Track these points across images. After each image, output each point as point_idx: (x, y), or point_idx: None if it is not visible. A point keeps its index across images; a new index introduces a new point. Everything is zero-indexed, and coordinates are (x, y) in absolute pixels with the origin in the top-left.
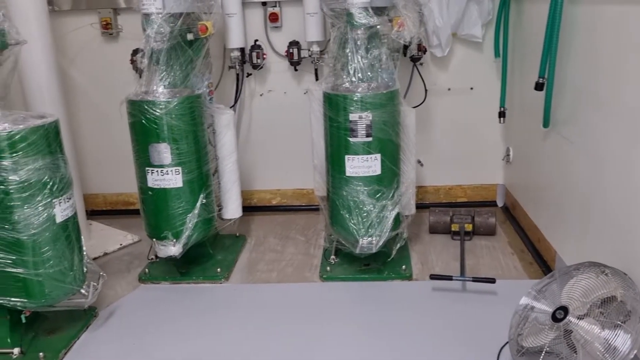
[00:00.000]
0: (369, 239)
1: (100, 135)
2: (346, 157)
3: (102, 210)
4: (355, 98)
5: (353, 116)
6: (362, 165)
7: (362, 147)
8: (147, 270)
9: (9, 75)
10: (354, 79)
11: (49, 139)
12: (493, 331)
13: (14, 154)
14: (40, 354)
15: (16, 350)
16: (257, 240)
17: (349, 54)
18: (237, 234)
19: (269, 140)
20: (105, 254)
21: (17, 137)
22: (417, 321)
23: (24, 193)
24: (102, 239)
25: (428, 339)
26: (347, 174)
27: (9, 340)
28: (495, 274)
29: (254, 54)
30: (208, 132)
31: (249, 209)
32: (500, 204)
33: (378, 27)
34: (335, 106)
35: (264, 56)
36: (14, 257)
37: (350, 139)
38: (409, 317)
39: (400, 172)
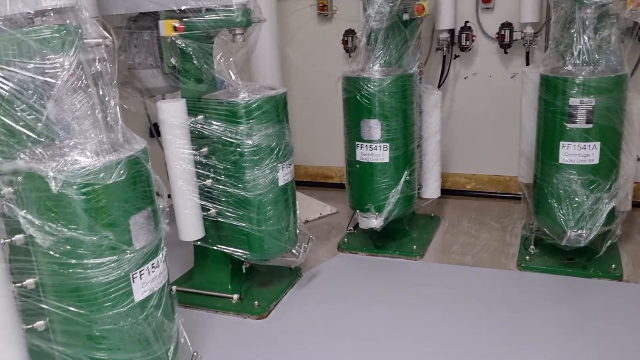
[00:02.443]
0: (579, 231)
1: (307, 111)
2: (561, 143)
3: (302, 181)
4: (578, 81)
5: (573, 101)
6: (577, 153)
7: (580, 133)
8: (345, 240)
9: (249, 50)
10: (577, 62)
11: (278, 109)
12: None
13: (250, 120)
14: (255, 302)
15: (235, 296)
16: (451, 223)
17: (575, 35)
18: (432, 215)
19: (469, 123)
20: (307, 221)
21: (253, 105)
22: (629, 328)
23: (255, 156)
24: (303, 207)
25: None
26: (560, 161)
27: (229, 287)
28: None
29: (464, 35)
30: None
31: (442, 191)
32: None
33: (610, 5)
34: (553, 89)
35: (473, 38)
36: (241, 213)
37: (568, 125)
38: (619, 322)
39: (620, 164)
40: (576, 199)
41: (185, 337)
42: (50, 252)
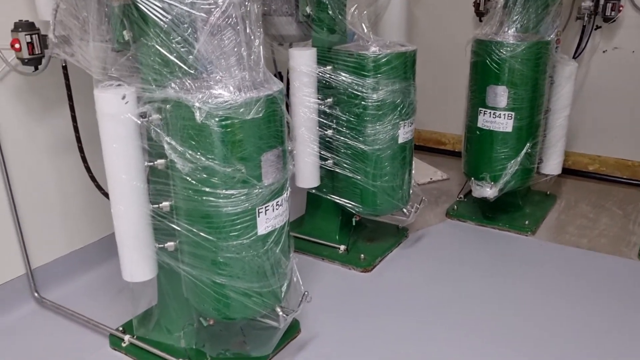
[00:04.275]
0: None
1: (428, 74)
2: None
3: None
4: None
5: None
6: None
7: None
8: (455, 207)
9: (382, 5)
10: None
11: (406, 66)
12: None
13: (378, 75)
14: (361, 255)
15: (342, 247)
16: (568, 203)
17: None
18: (548, 192)
19: (602, 101)
20: (417, 184)
21: (382, 60)
22: None
23: (379, 111)
24: (414, 170)
25: None
26: None
27: (337, 237)
28: None
29: (609, 5)
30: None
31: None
32: None
33: None
34: None
35: (620, 8)
36: (358, 166)
37: None
38: None
39: None
40: None
41: (297, 277)
42: (188, 178)
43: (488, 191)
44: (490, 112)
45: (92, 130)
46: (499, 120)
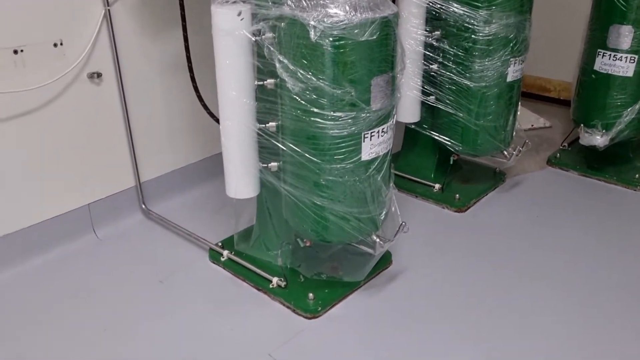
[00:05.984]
0: None
1: (538, 14)
2: None
3: None
4: None
5: None
6: None
7: None
8: (557, 155)
9: None
10: None
11: None
12: None
13: (492, 7)
14: (456, 195)
15: (437, 186)
16: None
17: None
18: None
19: None
20: (520, 128)
21: None
22: None
23: (489, 46)
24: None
25: None
26: None
27: (432, 176)
28: None
29: None
30: None
31: None
32: None
33: None
34: None
35: None
36: (462, 103)
37: None
38: None
39: None
40: None
41: (396, 207)
42: (297, 99)
43: (598, 139)
44: (610, 55)
45: (201, 52)
46: (619, 64)
